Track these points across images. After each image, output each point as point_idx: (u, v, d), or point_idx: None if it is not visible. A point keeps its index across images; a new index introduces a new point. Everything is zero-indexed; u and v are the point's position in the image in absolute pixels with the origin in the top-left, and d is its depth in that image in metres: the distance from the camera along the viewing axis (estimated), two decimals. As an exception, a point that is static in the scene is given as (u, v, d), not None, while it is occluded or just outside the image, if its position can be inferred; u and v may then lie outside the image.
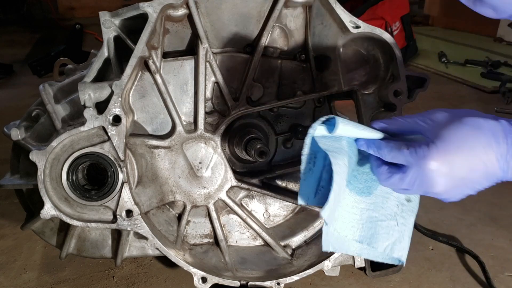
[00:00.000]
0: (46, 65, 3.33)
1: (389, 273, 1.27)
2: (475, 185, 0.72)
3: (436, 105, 2.84)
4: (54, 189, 0.99)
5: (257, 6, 1.09)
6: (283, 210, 1.28)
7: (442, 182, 0.71)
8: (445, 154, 0.70)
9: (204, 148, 1.13)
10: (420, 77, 1.08)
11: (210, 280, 1.10)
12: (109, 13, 1.00)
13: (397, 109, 1.07)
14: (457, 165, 0.70)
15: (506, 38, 4.62)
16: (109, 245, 1.18)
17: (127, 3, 1.48)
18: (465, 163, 0.70)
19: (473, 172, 0.71)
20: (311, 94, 1.17)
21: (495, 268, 1.35)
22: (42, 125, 1.11)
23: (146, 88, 1.09)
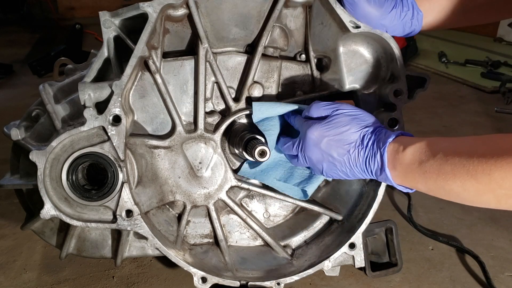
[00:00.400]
0: (46, 65, 3.33)
1: (389, 273, 1.27)
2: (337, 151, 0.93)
3: (436, 105, 2.84)
4: (54, 189, 0.99)
5: (257, 6, 1.09)
6: (283, 210, 1.28)
7: (316, 150, 0.96)
8: (321, 130, 0.95)
9: (204, 148, 1.13)
10: (420, 77, 1.08)
11: (210, 280, 1.10)
12: (109, 13, 1.00)
13: (397, 109, 1.07)
14: (326, 138, 0.94)
15: (506, 38, 4.62)
16: (109, 245, 1.18)
17: (127, 3, 1.49)
18: (337, 135, 0.93)
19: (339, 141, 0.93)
20: (311, 94, 1.17)
21: (495, 268, 1.35)
22: (42, 125, 1.11)
23: (146, 88, 1.08)
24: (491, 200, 0.73)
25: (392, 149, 0.86)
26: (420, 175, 0.81)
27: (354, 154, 0.92)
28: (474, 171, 0.71)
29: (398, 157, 0.85)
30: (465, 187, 0.74)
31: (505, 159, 0.68)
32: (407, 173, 0.84)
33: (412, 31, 1.07)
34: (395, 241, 1.26)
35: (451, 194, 0.79)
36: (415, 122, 2.53)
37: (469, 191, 0.74)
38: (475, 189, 0.73)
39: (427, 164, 0.79)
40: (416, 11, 1.03)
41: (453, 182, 0.75)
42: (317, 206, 1.22)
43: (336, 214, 1.22)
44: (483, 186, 0.71)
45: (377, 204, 1.13)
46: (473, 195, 0.75)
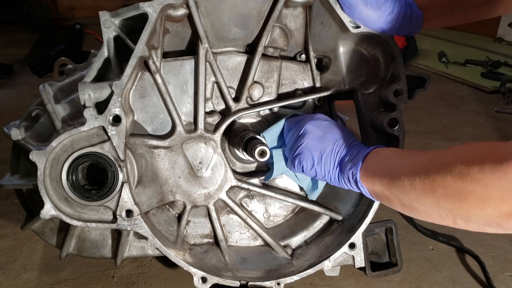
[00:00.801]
0: (46, 65, 3.33)
1: (389, 273, 1.27)
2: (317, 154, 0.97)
3: (436, 105, 2.84)
4: (54, 189, 0.99)
5: (257, 6, 1.09)
6: (283, 210, 1.28)
7: None
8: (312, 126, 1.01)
9: (204, 148, 1.13)
10: (420, 77, 1.08)
11: (210, 280, 1.10)
12: (109, 13, 1.00)
13: (397, 109, 1.07)
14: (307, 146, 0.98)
15: (506, 38, 4.62)
16: (109, 245, 1.18)
17: (127, 3, 1.49)
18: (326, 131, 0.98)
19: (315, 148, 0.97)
20: (311, 94, 1.17)
21: (495, 268, 1.35)
22: (42, 125, 1.11)
23: (146, 88, 1.08)
24: (442, 217, 0.73)
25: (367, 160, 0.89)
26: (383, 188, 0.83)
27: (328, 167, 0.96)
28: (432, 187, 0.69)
29: (369, 168, 0.87)
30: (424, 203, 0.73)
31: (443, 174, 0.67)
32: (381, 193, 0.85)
33: (411, 31, 1.07)
34: (395, 241, 1.26)
35: (418, 214, 0.79)
36: (415, 122, 2.53)
37: (428, 206, 0.73)
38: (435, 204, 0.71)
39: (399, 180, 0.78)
40: (415, 12, 1.03)
41: (417, 203, 0.75)
42: (317, 206, 1.22)
43: (336, 214, 1.22)
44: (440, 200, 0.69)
45: (377, 204, 1.13)
46: (434, 210, 0.73)
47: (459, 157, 0.66)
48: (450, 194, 0.66)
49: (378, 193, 0.85)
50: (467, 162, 0.63)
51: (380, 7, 1.00)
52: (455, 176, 0.64)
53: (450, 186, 0.65)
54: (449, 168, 0.66)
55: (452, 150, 0.71)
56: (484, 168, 0.60)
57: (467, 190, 0.63)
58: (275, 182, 1.26)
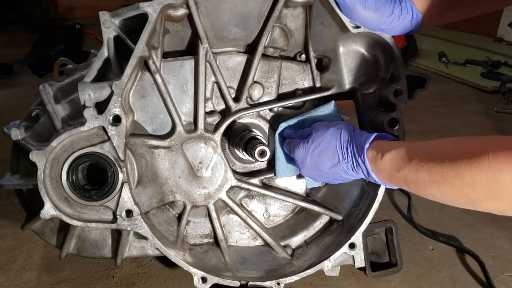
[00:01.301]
0: (46, 65, 3.33)
1: (389, 273, 1.27)
2: (323, 165, 1.00)
3: (436, 105, 2.84)
4: (54, 189, 0.99)
5: (257, 6, 1.09)
6: (283, 210, 1.28)
7: (306, 167, 1.05)
8: (303, 149, 1.04)
9: (204, 148, 1.13)
10: (420, 77, 1.08)
11: (210, 280, 1.10)
12: (109, 13, 1.00)
13: (397, 109, 1.07)
14: (308, 159, 1.03)
15: (506, 38, 4.62)
16: (109, 245, 1.18)
17: (127, 3, 1.49)
18: (316, 152, 1.01)
19: (321, 156, 1.00)
20: (311, 94, 1.17)
21: (495, 268, 1.35)
22: (42, 125, 1.11)
23: (146, 88, 1.08)
24: (466, 204, 0.75)
25: (371, 156, 0.90)
26: (401, 181, 0.84)
27: (340, 166, 0.98)
28: (448, 175, 0.73)
29: (378, 164, 0.88)
30: (442, 191, 0.76)
31: (474, 163, 0.68)
32: (390, 178, 0.88)
33: (411, 31, 1.07)
34: (395, 241, 1.26)
35: (431, 197, 0.81)
36: (415, 122, 2.53)
37: (446, 195, 0.76)
38: (451, 192, 0.74)
39: (405, 170, 0.82)
40: (415, 13, 1.02)
41: (431, 186, 0.77)
42: (317, 206, 1.22)
43: (336, 214, 1.22)
44: (457, 190, 0.72)
45: (377, 204, 1.13)
46: (450, 199, 0.76)
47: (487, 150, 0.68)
48: (481, 186, 0.68)
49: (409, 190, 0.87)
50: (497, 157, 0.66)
51: (379, 9, 1.00)
52: (487, 170, 0.67)
53: (482, 179, 0.68)
54: (480, 164, 0.68)
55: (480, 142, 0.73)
56: None
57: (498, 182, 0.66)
58: (275, 182, 1.26)
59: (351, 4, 0.99)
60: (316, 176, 1.06)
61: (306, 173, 1.08)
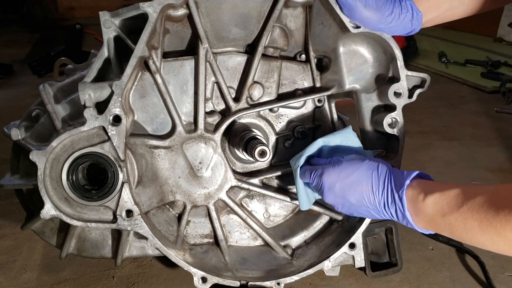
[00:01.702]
0: (46, 65, 3.33)
1: (389, 273, 1.27)
2: (352, 196, 0.92)
3: (436, 105, 2.84)
4: (54, 189, 0.99)
5: (257, 6, 1.09)
6: (283, 210, 1.28)
7: (332, 195, 0.95)
8: (333, 175, 0.95)
9: (204, 148, 1.13)
10: (420, 77, 1.08)
11: (210, 280, 1.10)
12: (109, 13, 1.00)
13: (397, 109, 1.07)
14: (338, 186, 0.94)
15: (506, 38, 4.62)
16: (109, 245, 1.18)
17: (127, 3, 1.49)
18: (349, 180, 0.92)
19: (353, 186, 0.91)
20: (311, 94, 1.17)
21: (495, 268, 1.35)
22: (42, 125, 1.11)
23: (146, 88, 1.08)
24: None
25: (411, 196, 0.83)
26: (444, 226, 0.78)
27: (371, 200, 0.89)
28: (503, 229, 0.68)
29: (419, 206, 0.81)
30: (494, 242, 0.71)
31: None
32: (430, 223, 0.81)
33: (411, 30, 1.07)
34: (395, 241, 1.26)
35: (481, 246, 0.76)
36: (415, 122, 2.53)
37: (498, 246, 0.72)
38: (506, 245, 0.70)
39: (451, 217, 0.76)
40: (416, 12, 1.02)
41: (481, 236, 0.72)
42: (317, 206, 1.22)
43: (336, 214, 1.22)
44: None
45: (377, 204, 1.13)
46: (504, 250, 0.72)
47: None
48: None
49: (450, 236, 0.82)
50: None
51: (379, 8, 1.00)
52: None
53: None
54: None
55: None
56: None
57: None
58: (275, 182, 1.26)
59: (352, 3, 0.99)
60: (340, 205, 0.96)
61: (330, 200, 0.97)
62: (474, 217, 0.72)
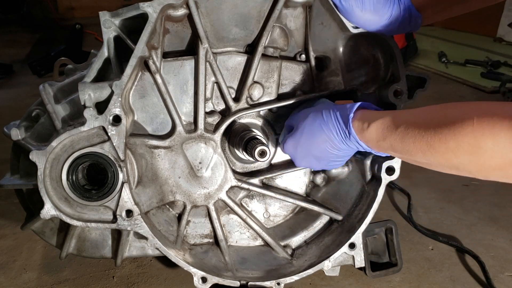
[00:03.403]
0: (46, 65, 3.33)
1: (389, 273, 1.27)
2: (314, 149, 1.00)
3: (436, 105, 2.84)
4: (54, 189, 0.99)
5: (257, 6, 1.09)
6: (283, 210, 1.28)
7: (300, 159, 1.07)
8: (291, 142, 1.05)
9: (204, 148, 1.13)
10: (420, 77, 1.08)
11: (210, 280, 1.10)
12: (109, 13, 1.00)
13: (397, 109, 1.07)
14: (299, 149, 1.04)
15: (506, 38, 4.62)
16: (109, 245, 1.18)
17: (127, 3, 1.49)
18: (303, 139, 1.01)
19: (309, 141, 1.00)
20: (311, 94, 1.17)
21: (495, 268, 1.35)
22: (42, 125, 1.11)
23: (146, 88, 1.08)
24: (451, 169, 0.76)
25: (357, 127, 0.91)
26: (388, 148, 0.86)
27: (329, 143, 0.97)
28: (432, 142, 0.73)
29: (364, 134, 0.89)
30: (427, 158, 0.76)
31: (457, 128, 0.69)
32: (378, 147, 0.89)
33: (410, 31, 1.07)
34: (395, 241, 1.26)
35: (418, 163, 0.83)
36: (415, 122, 2.53)
37: (431, 161, 0.77)
38: (435, 159, 0.75)
39: (391, 138, 0.83)
40: (414, 14, 1.02)
41: (416, 153, 0.78)
42: (317, 206, 1.22)
43: (336, 214, 1.22)
44: (441, 156, 0.73)
45: (377, 204, 1.13)
46: (436, 164, 0.78)
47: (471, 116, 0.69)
48: (464, 152, 0.69)
49: (385, 149, 0.89)
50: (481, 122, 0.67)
51: (377, 11, 0.99)
52: (470, 135, 0.68)
53: (465, 144, 0.69)
54: (463, 129, 0.69)
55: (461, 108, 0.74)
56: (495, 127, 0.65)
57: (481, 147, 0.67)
58: (275, 182, 1.26)
59: (348, 7, 0.99)
60: (311, 163, 1.06)
61: (301, 164, 1.08)
62: (409, 135, 0.78)
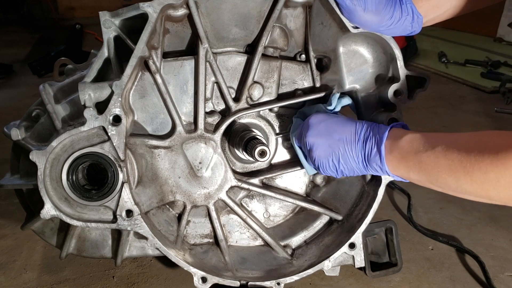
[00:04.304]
0: (46, 65, 3.33)
1: (389, 273, 1.27)
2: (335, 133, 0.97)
3: (436, 105, 2.84)
4: (54, 189, 0.99)
5: (257, 6, 1.09)
6: (283, 210, 1.28)
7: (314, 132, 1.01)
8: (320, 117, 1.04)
9: (204, 148, 1.13)
10: (420, 77, 1.08)
11: (210, 280, 1.10)
12: (109, 13, 1.00)
13: (397, 109, 1.07)
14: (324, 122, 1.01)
15: (506, 38, 4.62)
16: (109, 245, 1.18)
17: (127, 3, 1.49)
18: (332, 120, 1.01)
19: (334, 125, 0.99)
20: (311, 94, 1.17)
21: (495, 268, 1.35)
22: (42, 125, 1.11)
23: (146, 88, 1.09)
24: (483, 199, 0.75)
25: (390, 135, 0.90)
26: (415, 164, 0.83)
27: (352, 136, 0.95)
28: (471, 169, 0.72)
29: (395, 143, 0.87)
30: (459, 184, 0.75)
31: (501, 159, 0.68)
32: (401, 160, 0.86)
33: (411, 32, 1.07)
34: (395, 241, 1.26)
35: (444, 186, 0.80)
36: (415, 122, 2.53)
37: (463, 189, 0.76)
38: (470, 187, 0.74)
39: (424, 154, 0.81)
40: (416, 15, 1.01)
41: (447, 177, 0.77)
42: (317, 206, 1.22)
43: (336, 214, 1.22)
44: (478, 185, 0.72)
45: (377, 204, 1.13)
46: (467, 193, 0.76)
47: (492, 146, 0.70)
48: (505, 185, 0.69)
49: (414, 181, 0.87)
50: None
51: (379, 12, 0.99)
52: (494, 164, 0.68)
53: (507, 177, 0.68)
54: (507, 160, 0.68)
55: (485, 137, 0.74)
56: None
57: None
58: (275, 182, 1.26)
59: (351, 7, 0.98)
60: (320, 146, 0.99)
61: (312, 139, 1.01)
62: (446, 156, 0.77)
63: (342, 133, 0.96)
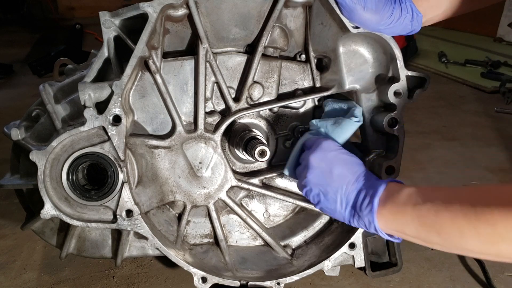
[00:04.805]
0: (46, 65, 3.33)
1: (389, 273, 1.27)
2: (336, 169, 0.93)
3: (436, 105, 2.84)
4: (54, 189, 0.99)
5: (257, 6, 1.09)
6: (283, 210, 1.28)
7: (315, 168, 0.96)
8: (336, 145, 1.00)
9: (204, 148, 1.13)
10: (420, 77, 1.08)
11: (210, 280, 1.10)
12: (109, 13, 1.00)
13: (397, 109, 1.07)
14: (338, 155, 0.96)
15: (506, 38, 4.63)
16: (109, 245, 1.18)
17: (127, 3, 1.49)
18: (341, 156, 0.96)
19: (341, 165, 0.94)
20: (311, 94, 1.17)
21: (495, 268, 1.35)
22: (42, 125, 1.11)
23: (146, 88, 1.09)
24: (490, 256, 0.69)
25: (387, 188, 0.85)
26: (413, 218, 0.78)
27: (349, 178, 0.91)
28: (477, 223, 0.67)
29: (391, 196, 0.82)
30: (464, 240, 0.70)
31: (510, 212, 0.64)
32: (397, 213, 0.80)
33: (411, 31, 1.07)
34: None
35: (445, 242, 0.74)
36: (415, 122, 2.53)
37: (468, 246, 0.70)
38: (476, 243, 0.69)
39: (423, 207, 0.76)
40: (416, 13, 1.02)
41: (450, 232, 0.71)
42: (317, 206, 1.22)
43: (336, 214, 1.22)
44: (486, 240, 0.67)
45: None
46: (473, 251, 0.71)
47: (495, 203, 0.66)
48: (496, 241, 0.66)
49: (409, 237, 0.81)
50: None
51: (379, 10, 0.99)
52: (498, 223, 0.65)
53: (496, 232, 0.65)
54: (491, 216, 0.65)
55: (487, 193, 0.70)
56: None
57: None
58: (275, 182, 1.26)
59: (351, 5, 0.98)
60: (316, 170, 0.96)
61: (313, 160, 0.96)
62: (448, 209, 0.71)
63: (342, 170, 0.92)
